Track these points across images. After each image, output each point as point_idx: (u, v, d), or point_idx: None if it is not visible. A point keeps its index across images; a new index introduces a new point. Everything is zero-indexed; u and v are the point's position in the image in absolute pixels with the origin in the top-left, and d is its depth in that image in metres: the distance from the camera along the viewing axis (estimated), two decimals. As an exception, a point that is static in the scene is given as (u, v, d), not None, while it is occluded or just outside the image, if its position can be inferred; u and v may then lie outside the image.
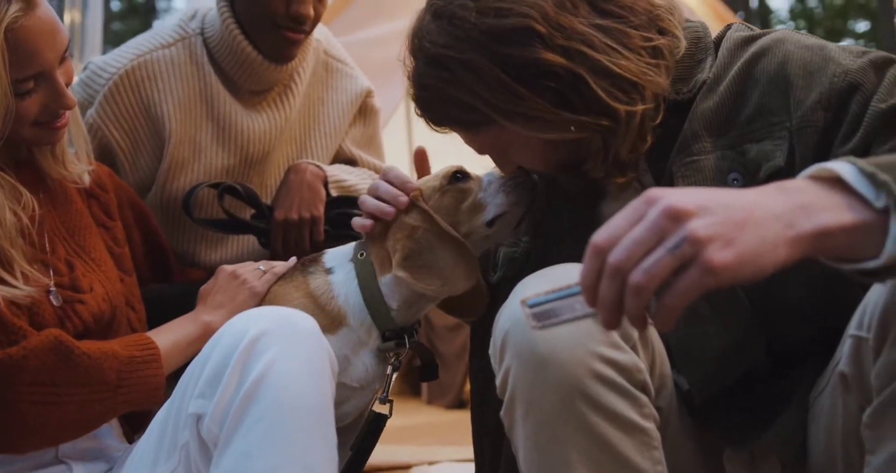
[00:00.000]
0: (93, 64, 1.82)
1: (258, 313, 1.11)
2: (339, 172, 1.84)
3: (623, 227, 0.73)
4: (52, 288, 1.28)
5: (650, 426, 1.04)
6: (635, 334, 1.05)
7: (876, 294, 0.90)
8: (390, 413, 1.37)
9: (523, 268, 1.32)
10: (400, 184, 1.34)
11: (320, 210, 1.75)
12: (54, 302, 1.26)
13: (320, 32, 1.95)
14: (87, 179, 1.42)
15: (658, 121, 1.16)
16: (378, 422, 1.35)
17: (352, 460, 1.34)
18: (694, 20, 1.26)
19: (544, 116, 1.13)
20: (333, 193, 1.79)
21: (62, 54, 1.27)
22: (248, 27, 1.76)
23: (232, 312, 1.30)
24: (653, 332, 1.10)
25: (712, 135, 1.16)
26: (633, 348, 1.05)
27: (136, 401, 1.24)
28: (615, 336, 1.01)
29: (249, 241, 1.88)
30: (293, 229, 1.72)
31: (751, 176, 1.11)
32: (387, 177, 1.36)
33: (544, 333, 0.97)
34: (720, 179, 1.13)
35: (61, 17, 3.70)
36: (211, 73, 1.78)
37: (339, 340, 1.33)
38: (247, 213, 1.80)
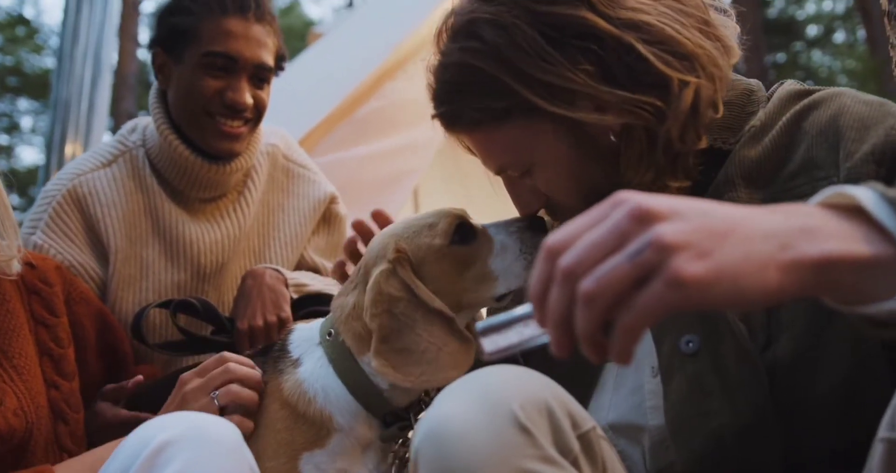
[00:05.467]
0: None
1: (169, 419, 0.99)
2: (300, 276, 1.73)
3: (582, 229, 0.63)
4: None
5: None
6: (576, 446, 0.87)
7: None
8: None
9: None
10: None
11: (287, 310, 1.62)
12: None
13: (278, 137, 1.89)
14: (15, 267, 1.33)
15: (719, 114, 1.07)
16: None
17: None
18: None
19: (582, 90, 1.03)
20: (295, 297, 1.68)
21: None
22: (184, 125, 1.71)
23: None
24: (604, 447, 0.93)
25: (749, 186, 1.07)
26: (575, 463, 0.86)
27: None
28: (549, 449, 0.84)
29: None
30: (260, 336, 1.58)
31: None
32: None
33: (459, 446, 0.81)
34: None
35: (62, 148, 3.75)
36: (154, 185, 1.72)
37: (331, 454, 1.11)
38: (206, 331, 1.67)
